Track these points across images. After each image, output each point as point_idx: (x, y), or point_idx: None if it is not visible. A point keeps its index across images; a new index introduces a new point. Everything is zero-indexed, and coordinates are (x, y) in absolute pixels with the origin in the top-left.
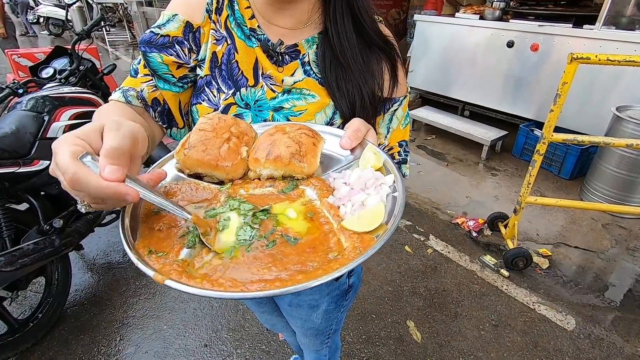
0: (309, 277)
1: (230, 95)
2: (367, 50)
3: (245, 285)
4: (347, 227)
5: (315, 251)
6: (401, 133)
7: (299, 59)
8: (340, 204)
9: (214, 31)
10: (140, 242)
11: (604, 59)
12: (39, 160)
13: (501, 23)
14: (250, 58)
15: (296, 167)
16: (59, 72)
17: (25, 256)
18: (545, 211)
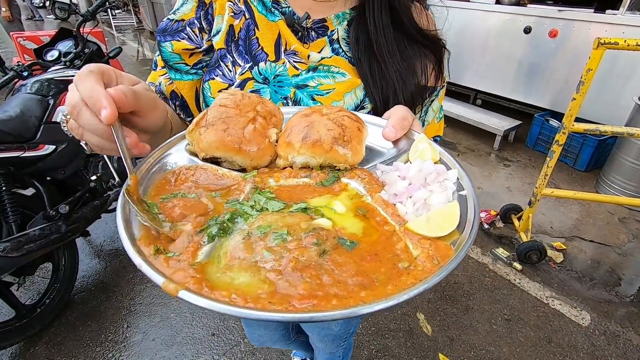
0: (377, 295)
1: (247, 69)
2: (407, 45)
3: (290, 302)
4: (415, 230)
5: (379, 260)
6: (435, 127)
7: (326, 35)
8: (397, 201)
9: (231, 4)
10: (143, 235)
11: (633, 44)
12: (45, 145)
13: (518, 8)
14: (272, 33)
15: (339, 154)
16: (64, 55)
17: (31, 242)
18: (560, 203)
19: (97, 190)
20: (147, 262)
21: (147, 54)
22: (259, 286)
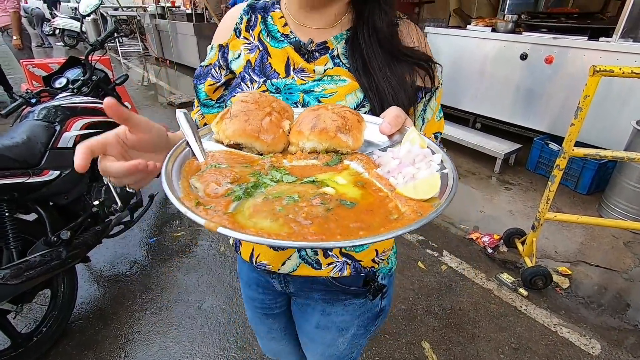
0: (373, 233)
1: (262, 83)
2: (397, 62)
3: (304, 236)
4: (404, 193)
5: (374, 214)
6: (436, 125)
7: (328, 53)
8: (389, 176)
9: (246, 44)
10: (185, 196)
11: (628, 72)
12: (49, 170)
13: (514, 35)
14: (282, 58)
15: (341, 140)
16: (71, 82)
17: (32, 269)
18: (563, 227)
19: (98, 216)
20: (191, 210)
21: (152, 79)
22: (278, 229)
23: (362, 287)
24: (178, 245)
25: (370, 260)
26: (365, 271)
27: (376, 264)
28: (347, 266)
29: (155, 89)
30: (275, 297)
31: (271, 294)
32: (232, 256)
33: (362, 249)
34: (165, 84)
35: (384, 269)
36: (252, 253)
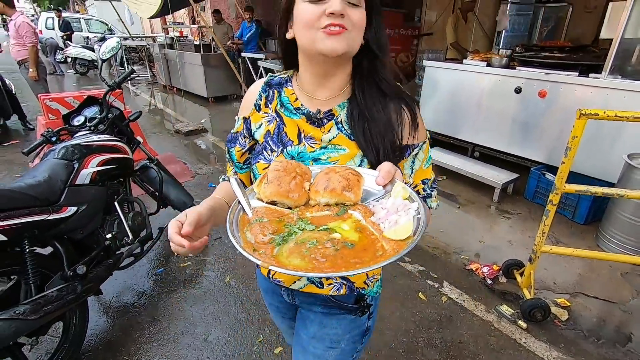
0: (364, 265)
1: (279, 152)
2: (388, 104)
3: (322, 269)
4: (387, 236)
5: (367, 252)
6: (424, 172)
7: (333, 119)
8: (380, 222)
9: (266, 116)
10: (244, 244)
11: (612, 115)
12: (67, 207)
13: (508, 70)
14: (294, 128)
15: (346, 197)
16: (89, 120)
17: (50, 303)
18: (562, 258)
19: (110, 249)
20: (251, 254)
21: (159, 106)
22: (306, 265)
23: (354, 304)
24: (184, 276)
25: (362, 282)
26: (357, 291)
27: (366, 285)
28: (344, 286)
29: (162, 115)
30: (286, 304)
31: (283, 302)
32: (237, 287)
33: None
34: (172, 111)
35: (371, 292)
36: (269, 270)
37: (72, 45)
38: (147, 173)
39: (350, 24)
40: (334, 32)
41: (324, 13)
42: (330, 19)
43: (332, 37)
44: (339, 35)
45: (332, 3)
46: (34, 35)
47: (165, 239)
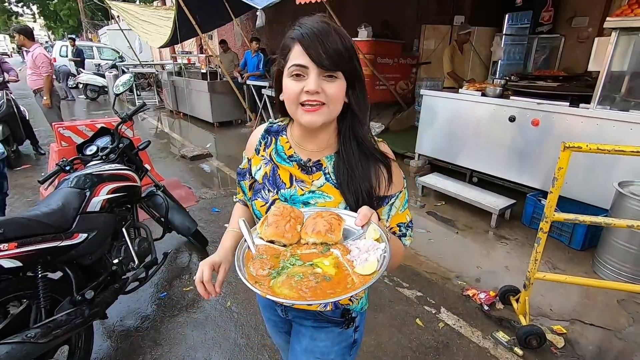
0: (337, 295)
1: (275, 193)
2: (367, 161)
3: (305, 298)
4: (357, 271)
5: (340, 284)
6: (399, 217)
7: (321, 170)
8: (353, 259)
9: (263, 160)
10: (248, 277)
11: (594, 148)
12: (79, 234)
13: (502, 100)
14: (287, 172)
15: (329, 237)
16: (101, 149)
17: (59, 327)
18: (559, 285)
19: (117, 273)
20: (253, 286)
21: (165, 130)
22: (293, 294)
23: (340, 318)
24: (187, 301)
25: (347, 299)
26: (342, 307)
27: (351, 302)
28: (330, 303)
29: (168, 139)
30: (281, 319)
31: (278, 317)
32: (237, 312)
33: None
34: (178, 135)
35: (356, 307)
36: None
37: (84, 72)
38: (153, 199)
39: (326, 98)
40: (310, 109)
41: (302, 90)
42: (307, 96)
43: (310, 113)
44: (315, 111)
45: (308, 82)
46: (50, 66)
47: (168, 263)
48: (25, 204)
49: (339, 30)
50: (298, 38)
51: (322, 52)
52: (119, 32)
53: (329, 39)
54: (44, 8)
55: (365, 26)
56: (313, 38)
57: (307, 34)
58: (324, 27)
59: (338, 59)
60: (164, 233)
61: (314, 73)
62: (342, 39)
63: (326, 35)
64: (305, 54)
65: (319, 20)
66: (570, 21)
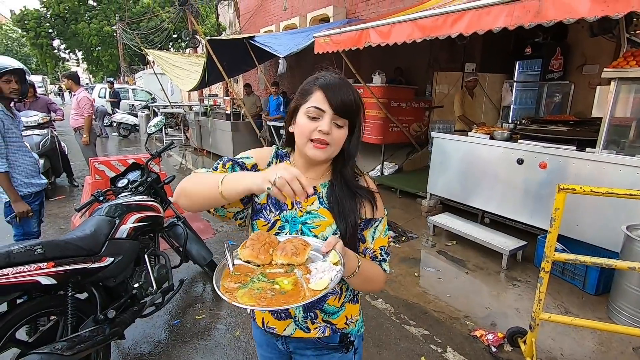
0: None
1: (277, 214)
2: (353, 198)
3: (261, 305)
4: (311, 287)
5: (293, 297)
6: (382, 240)
7: (316, 194)
8: (311, 278)
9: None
10: (222, 287)
11: (587, 191)
12: (106, 257)
13: (510, 143)
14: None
15: (294, 259)
16: (131, 182)
17: (82, 343)
18: (571, 329)
19: (136, 297)
20: (224, 295)
21: (189, 166)
22: (253, 302)
23: (339, 342)
24: (198, 328)
25: (343, 323)
26: (340, 331)
27: (347, 325)
28: (327, 329)
29: None
30: (280, 356)
31: (277, 353)
32: (245, 341)
33: (336, 317)
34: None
35: (353, 330)
36: (262, 320)
37: (119, 111)
38: (174, 230)
39: (332, 140)
40: (319, 146)
41: (316, 129)
42: (319, 135)
43: (317, 149)
44: (322, 148)
45: (322, 124)
46: (91, 107)
47: (183, 291)
48: (57, 232)
49: (352, 87)
50: (321, 86)
51: (338, 102)
52: (153, 76)
53: (345, 93)
54: (88, 54)
55: (379, 73)
56: (333, 89)
57: (329, 85)
58: (342, 83)
59: (349, 110)
60: (181, 262)
61: (328, 117)
62: (354, 94)
63: (343, 90)
64: (325, 101)
65: (338, 76)
66: (581, 69)
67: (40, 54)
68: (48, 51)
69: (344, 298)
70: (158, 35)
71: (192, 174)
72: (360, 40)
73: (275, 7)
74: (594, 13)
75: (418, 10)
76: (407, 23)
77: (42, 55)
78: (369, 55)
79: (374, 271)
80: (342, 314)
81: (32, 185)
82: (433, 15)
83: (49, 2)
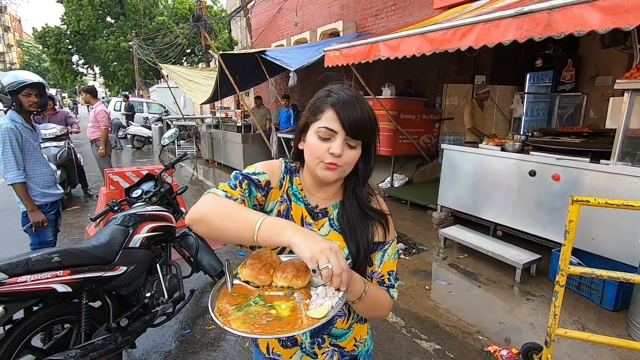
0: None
1: None
2: (366, 219)
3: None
4: (309, 315)
5: (289, 324)
6: (390, 265)
7: (327, 217)
8: (310, 304)
9: (280, 198)
10: (217, 310)
11: (602, 202)
12: (120, 266)
13: (521, 155)
14: (299, 213)
15: (294, 282)
16: (145, 193)
17: (95, 350)
18: (589, 346)
19: (148, 306)
20: (217, 318)
21: (200, 177)
22: (246, 328)
23: None
24: (208, 339)
25: (352, 346)
26: (348, 354)
27: (356, 347)
28: (336, 353)
29: (202, 186)
30: None
31: None
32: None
33: (344, 339)
34: (212, 183)
35: (362, 351)
36: (267, 346)
37: (133, 124)
38: (185, 240)
39: (343, 162)
40: (330, 167)
41: (327, 150)
42: (330, 157)
43: (328, 170)
44: (333, 169)
45: (334, 146)
46: (108, 120)
47: (194, 301)
48: (72, 242)
49: (366, 104)
50: (333, 105)
51: (351, 123)
52: (167, 90)
53: (359, 112)
54: (104, 69)
55: (388, 85)
56: (346, 109)
57: (341, 104)
58: (355, 101)
59: (363, 130)
60: (192, 272)
61: (340, 138)
62: (368, 112)
63: (357, 108)
64: (337, 121)
65: (351, 93)
66: (593, 80)
67: (59, 69)
68: (67, 66)
69: (352, 319)
70: (172, 50)
71: (212, 198)
72: (370, 54)
73: (286, 22)
74: (604, 25)
75: (427, 24)
76: (416, 36)
77: (62, 70)
78: (378, 68)
79: (380, 297)
80: (351, 335)
81: (49, 195)
82: (442, 29)
83: (69, 20)
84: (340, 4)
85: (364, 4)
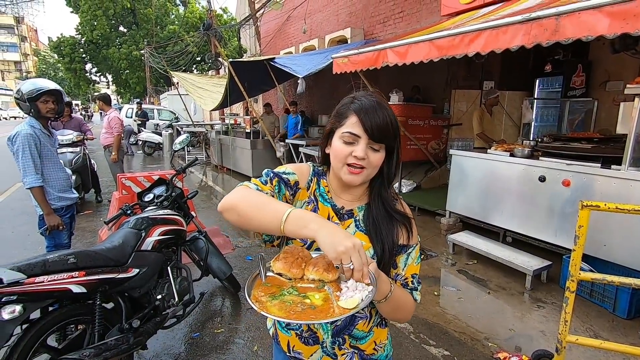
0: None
1: None
2: (391, 221)
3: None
4: (340, 305)
5: (323, 312)
6: (414, 268)
7: (353, 218)
8: (341, 295)
9: (307, 199)
10: (253, 296)
11: (612, 207)
12: (132, 269)
13: (531, 160)
14: (325, 213)
15: (326, 275)
16: (156, 197)
17: (108, 350)
18: (602, 354)
19: (159, 308)
20: (254, 303)
21: (209, 183)
22: (283, 315)
23: None
24: (217, 342)
25: (371, 349)
26: (368, 358)
27: (375, 351)
28: (355, 355)
29: (211, 191)
30: None
31: None
32: (263, 356)
33: (365, 342)
34: (220, 188)
35: (382, 356)
36: (288, 344)
37: (145, 130)
38: (195, 244)
39: (368, 164)
40: (354, 171)
41: (351, 154)
42: (354, 160)
43: (352, 174)
44: (358, 173)
45: (358, 149)
46: (121, 127)
47: (204, 305)
48: (85, 245)
49: (388, 110)
50: (356, 111)
51: (373, 128)
52: (177, 97)
53: (381, 118)
54: (117, 77)
55: (396, 91)
56: (368, 114)
57: (364, 110)
58: (377, 106)
59: (385, 134)
60: (201, 275)
61: (363, 142)
62: (390, 117)
63: (379, 113)
64: (360, 126)
65: (374, 99)
66: (604, 85)
67: (73, 77)
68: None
69: (373, 322)
70: (183, 58)
71: (244, 190)
72: (378, 60)
73: (295, 30)
74: (613, 30)
75: (435, 31)
76: (424, 43)
77: (76, 78)
78: (386, 74)
79: (405, 299)
80: (371, 338)
81: (64, 199)
82: (450, 35)
83: (84, 30)
84: (348, 12)
85: (371, 12)
